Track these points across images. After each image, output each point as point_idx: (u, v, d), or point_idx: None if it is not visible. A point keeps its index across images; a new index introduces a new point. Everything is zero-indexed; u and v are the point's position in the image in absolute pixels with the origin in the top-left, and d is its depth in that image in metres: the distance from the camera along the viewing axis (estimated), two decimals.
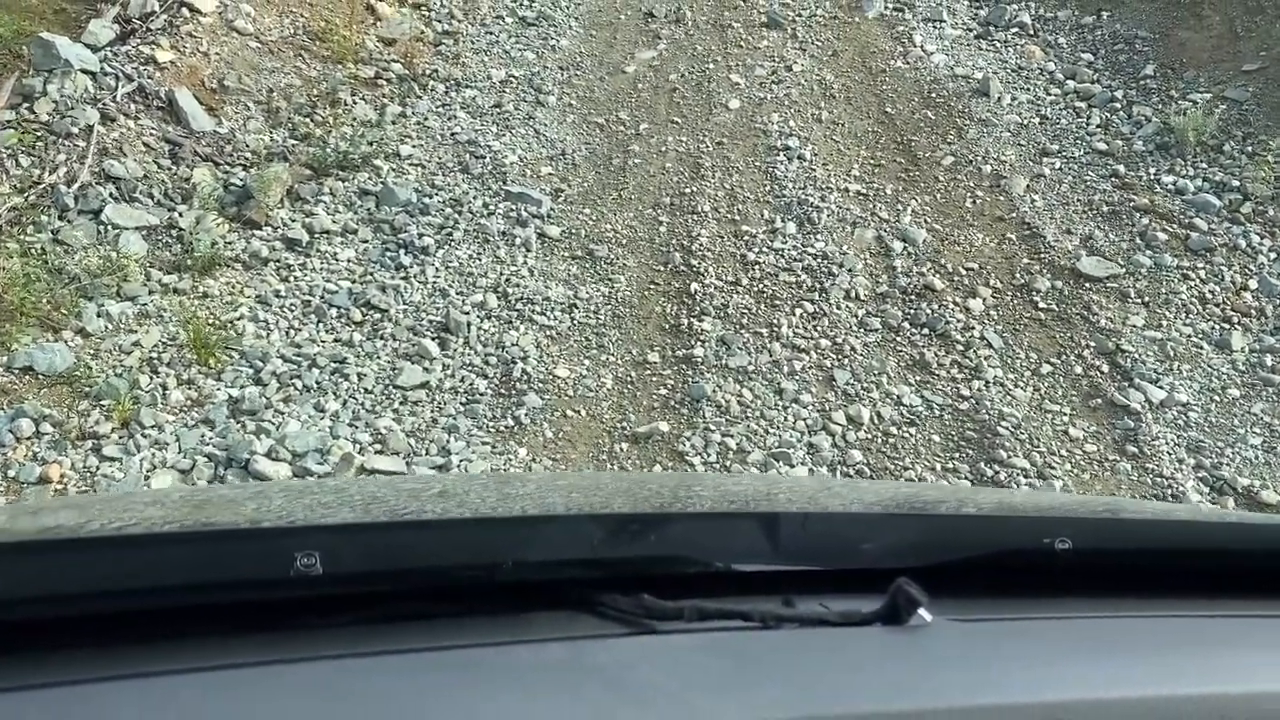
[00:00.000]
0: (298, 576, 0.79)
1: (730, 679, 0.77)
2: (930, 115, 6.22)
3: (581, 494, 1.41)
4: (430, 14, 7.91)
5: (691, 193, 5.60)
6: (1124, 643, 0.90)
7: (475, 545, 0.94)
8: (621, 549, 0.92)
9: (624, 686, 0.75)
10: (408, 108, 6.61)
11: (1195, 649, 0.92)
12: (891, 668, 0.82)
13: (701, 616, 0.83)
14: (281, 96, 6.49)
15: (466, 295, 4.75)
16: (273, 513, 1.19)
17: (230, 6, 6.94)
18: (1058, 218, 5.16)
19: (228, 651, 0.76)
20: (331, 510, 1.23)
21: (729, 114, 6.46)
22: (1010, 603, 0.95)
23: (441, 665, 0.77)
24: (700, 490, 1.57)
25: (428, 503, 1.28)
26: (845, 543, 0.99)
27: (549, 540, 0.95)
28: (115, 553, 0.88)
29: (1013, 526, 1.12)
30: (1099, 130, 5.88)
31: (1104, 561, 1.03)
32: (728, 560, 0.91)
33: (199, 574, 0.83)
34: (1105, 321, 4.42)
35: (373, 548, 0.90)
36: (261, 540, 0.93)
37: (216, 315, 4.60)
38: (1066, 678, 0.82)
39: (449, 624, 0.83)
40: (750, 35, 7.52)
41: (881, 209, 5.32)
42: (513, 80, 6.98)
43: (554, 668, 0.78)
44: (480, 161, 5.92)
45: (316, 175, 5.77)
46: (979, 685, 0.81)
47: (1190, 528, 1.21)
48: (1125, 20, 6.79)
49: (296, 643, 0.79)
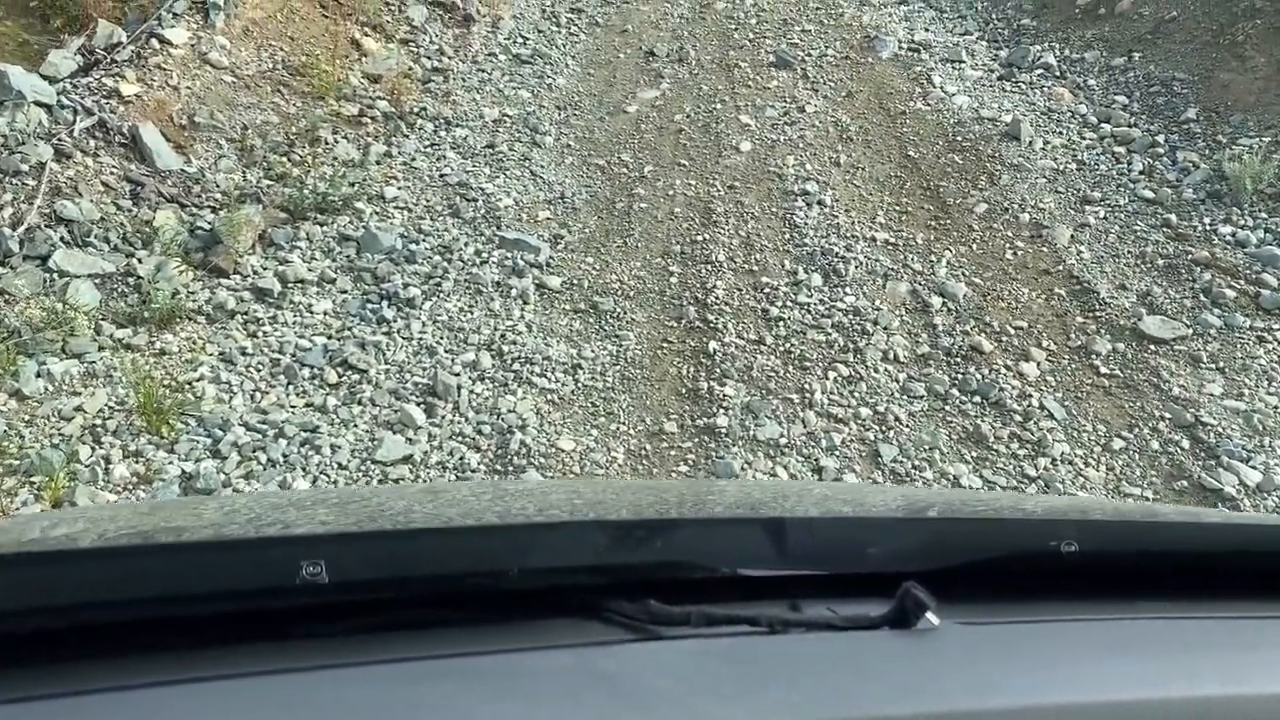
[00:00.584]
0: (303, 585, 0.78)
1: (737, 684, 0.76)
2: (957, 159, 5.78)
3: (586, 500, 1.39)
4: (419, 50, 7.46)
5: (704, 240, 5.11)
6: (1131, 645, 0.89)
7: (481, 552, 0.92)
8: (627, 555, 0.92)
9: (630, 693, 0.75)
10: (393, 147, 6.12)
11: (1202, 651, 0.90)
12: (899, 671, 0.80)
13: (708, 622, 0.82)
14: (257, 134, 5.99)
15: (456, 354, 4.23)
16: (278, 522, 1.18)
17: (204, 39, 6.46)
18: (1109, 271, 4.69)
19: (234, 661, 0.75)
20: (337, 519, 1.22)
21: (740, 156, 6.00)
22: (1017, 606, 0.93)
23: (448, 673, 0.77)
24: (705, 495, 1.53)
25: (432, 510, 1.27)
26: (852, 547, 0.98)
27: (554, 547, 0.94)
28: (121, 562, 0.88)
29: (1019, 530, 1.10)
30: (1143, 177, 5.44)
31: (1111, 564, 1.02)
32: (734, 565, 0.91)
33: (205, 583, 0.82)
34: (1178, 390, 3.93)
35: (378, 556, 0.90)
36: (267, 549, 0.93)
37: (173, 375, 4.06)
38: (1074, 680, 0.82)
39: (455, 631, 0.82)
40: (758, 75, 7.10)
41: (913, 260, 4.85)
42: (507, 119, 6.52)
43: (560, 675, 0.77)
44: (472, 205, 5.43)
45: (292, 219, 5.26)
46: (987, 688, 0.80)
47: (1196, 530, 1.19)
48: (1159, 62, 6.39)
49: (303, 652, 0.78)
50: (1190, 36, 6.38)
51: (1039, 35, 7.30)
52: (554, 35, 7.91)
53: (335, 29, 7.24)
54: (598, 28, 8.07)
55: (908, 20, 7.98)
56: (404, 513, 1.25)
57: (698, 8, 8.45)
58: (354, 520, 1.22)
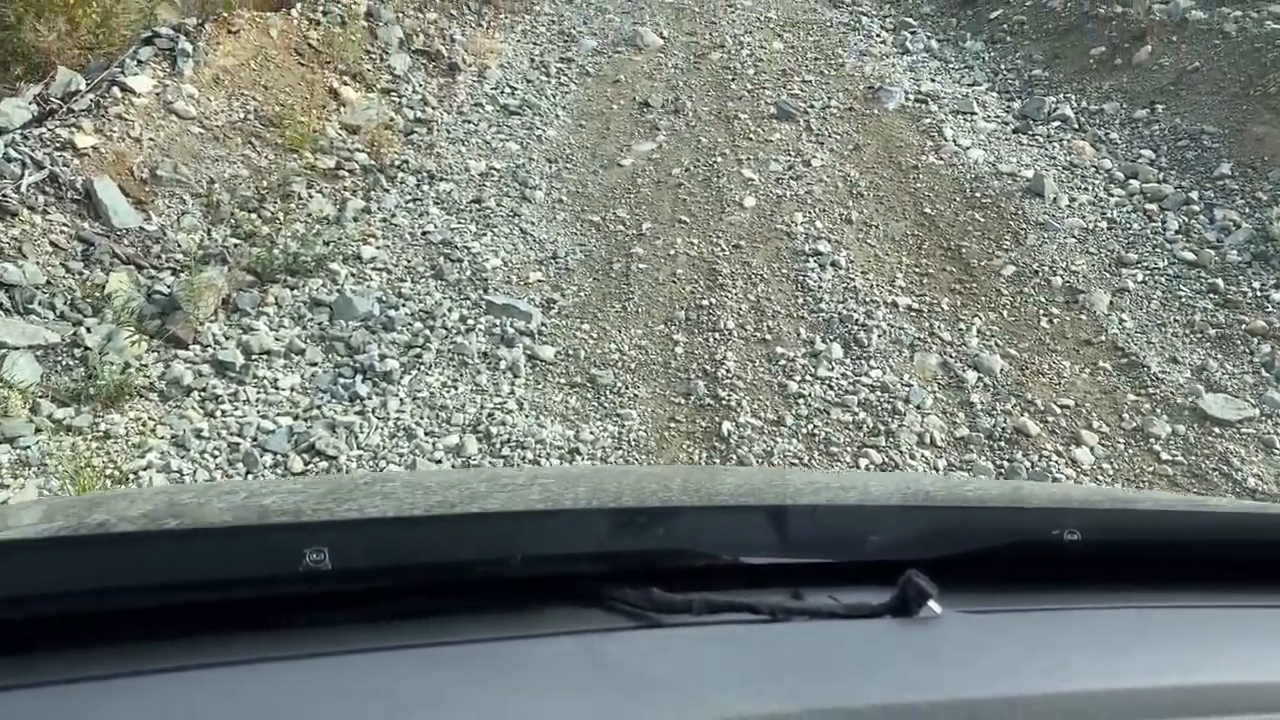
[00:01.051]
0: (306, 572, 0.78)
1: (739, 671, 0.76)
2: (978, 217, 5.40)
3: (590, 488, 1.36)
4: (401, 99, 7.06)
5: (710, 305, 4.69)
6: (1133, 634, 0.88)
7: (484, 540, 0.91)
8: (630, 542, 0.91)
9: (633, 680, 0.74)
10: (373, 202, 5.69)
11: (1206, 640, 0.89)
12: (901, 660, 0.80)
13: (710, 609, 0.81)
14: (225, 188, 5.55)
15: (438, 436, 3.77)
16: (281, 508, 1.16)
17: (171, 87, 6.04)
18: (1157, 342, 4.28)
19: (237, 648, 0.75)
20: (340, 506, 1.19)
21: (744, 213, 5.60)
22: (1020, 594, 0.92)
23: (450, 660, 0.76)
24: (708, 483, 1.50)
25: (436, 498, 1.24)
26: (854, 535, 0.97)
27: (557, 534, 0.93)
28: (124, 549, 0.87)
29: (1022, 518, 1.08)
30: (1180, 236, 5.06)
31: (1113, 553, 1.00)
32: (736, 553, 0.90)
33: (208, 570, 0.82)
34: (1254, 480, 3.50)
35: (381, 543, 0.90)
36: (270, 536, 0.92)
37: (117, 463, 3.58)
38: (1076, 669, 0.81)
39: (457, 619, 0.82)
40: (760, 127, 6.73)
41: (941, 328, 4.43)
42: (494, 173, 6.11)
43: (563, 662, 0.77)
44: (457, 266, 5.00)
45: (260, 281, 4.81)
46: (988, 677, 0.79)
47: (1200, 518, 1.16)
48: (1184, 114, 6.05)
49: (305, 639, 0.78)
50: (1217, 88, 6.06)
51: (1052, 86, 6.98)
52: (543, 85, 7.55)
53: (312, 77, 6.83)
54: (589, 77, 7.72)
55: (912, 70, 7.66)
56: (407, 500, 1.24)
57: (692, 58, 8.12)
58: (357, 508, 1.20)
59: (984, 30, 8.21)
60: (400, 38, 7.72)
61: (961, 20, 8.62)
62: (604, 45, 8.30)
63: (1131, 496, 1.90)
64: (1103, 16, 7.22)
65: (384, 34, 7.61)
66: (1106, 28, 7.13)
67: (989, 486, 2.23)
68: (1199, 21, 6.59)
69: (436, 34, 8.07)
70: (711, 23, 8.94)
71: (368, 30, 7.53)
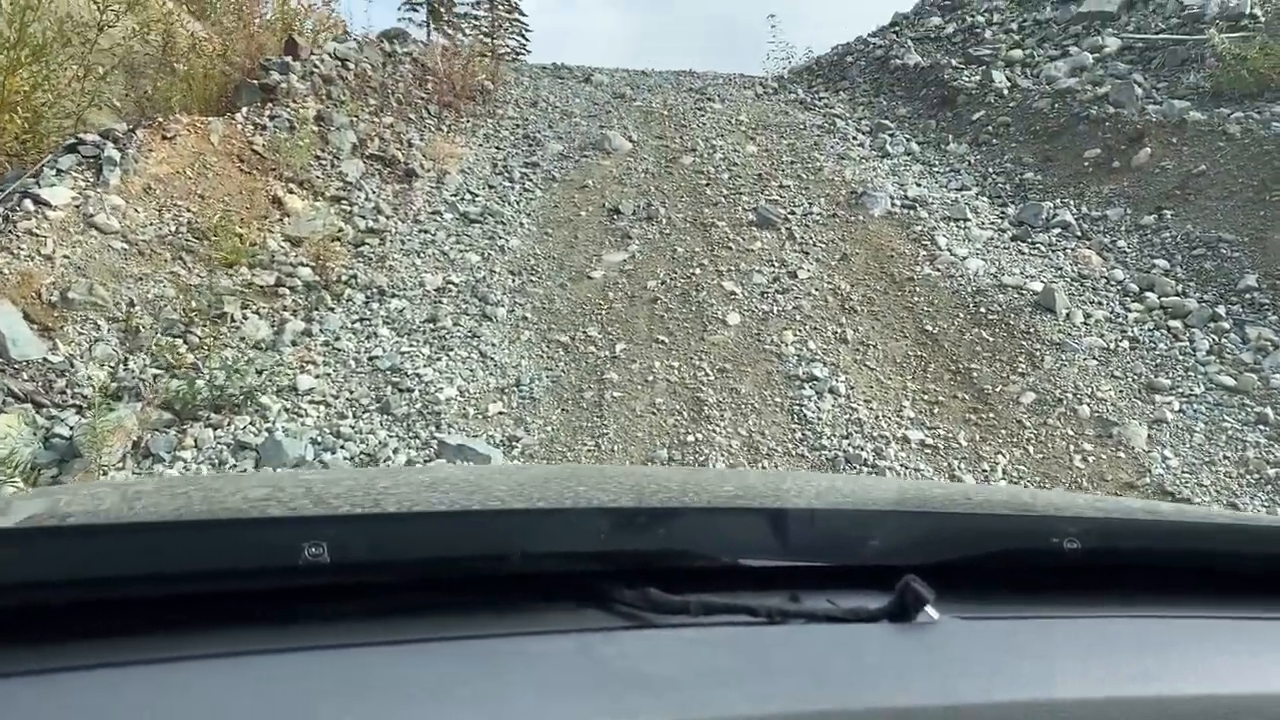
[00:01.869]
0: (305, 566, 0.76)
1: (736, 673, 0.75)
2: (986, 336, 4.90)
3: (590, 486, 1.36)
4: (352, 208, 6.54)
5: (696, 441, 4.11)
6: (1130, 642, 0.87)
7: (483, 536, 0.89)
8: (628, 542, 0.90)
9: (630, 679, 0.73)
10: (314, 324, 5.11)
11: (1202, 649, 0.88)
12: (898, 664, 0.78)
13: (707, 611, 0.80)
14: (147, 311, 4.96)
15: None
16: (281, 502, 1.15)
17: (93, 198, 5.48)
18: (1209, 484, 3.75)
19: (234, 640, 0.73)
20: (340, 500, 1.16)
21: (728, 331, 5.07)
22: (1017, 601, 0.91)
23: (448, 655, 0.75)
24: (708, 485, 1.45)
25: (435, 493, 1.22)
26: (853, 539, 0.95)
27: (557, 532, 0.91)
28: (124, 539, 0.85)
29: (1021, 525, 1.07)
30: (1212, 358, 4.58)
31: (1111, 561, 0.98)
32: (734, 555, 0.89)
33: (206, 562, 0.80)
34: None
35: (380, 538, 0.88)
36: (269, 529, 0.91)
37: None
38: (1073, 676, 0.80)
39: (456, 614, 0.80)
40: (739, 235, 6.25)
41: (961, 468, 3.88)
42: (451, 288, 5.57)
43: (560, 659, 0.75)
44: (406, 396, 4.40)
45: (179, 420, 4.19)
46: (985, 682, 0.78)
47: (1199, 529, 1.14)
48: (1197, 221, 5.64)
49: (303, 632, 0.76)
50: (1227, 192, 5.67)
51: (1047, 190, 6.58)
52: (506, 191, 7.07)
53: (254, 185, 6.30)
54: (555, 183, 7.25)
55: (895, 174, 7.27)
56: (407, 495, 1.21)
57: (663, 162, 7.70)
58: (356, 502, 1.15)
59: (966, 132, 7.87)
60: (354, 142, 7.24)
61: (941, 122, 8.29)
62: (570, 149, 7.87)
63: (1131, 506, 1.87)
64: (1094, 118, 6.88)
65: (336, 139, 7.13)
66: (1099, 129, 6.79)
67: (989, 493, 2.25)
68: (1199, 122, 6.25)
69: (393, 138, 7.60)
70: (681, 125, 8.57)
71: (318, 135, 7.04)
